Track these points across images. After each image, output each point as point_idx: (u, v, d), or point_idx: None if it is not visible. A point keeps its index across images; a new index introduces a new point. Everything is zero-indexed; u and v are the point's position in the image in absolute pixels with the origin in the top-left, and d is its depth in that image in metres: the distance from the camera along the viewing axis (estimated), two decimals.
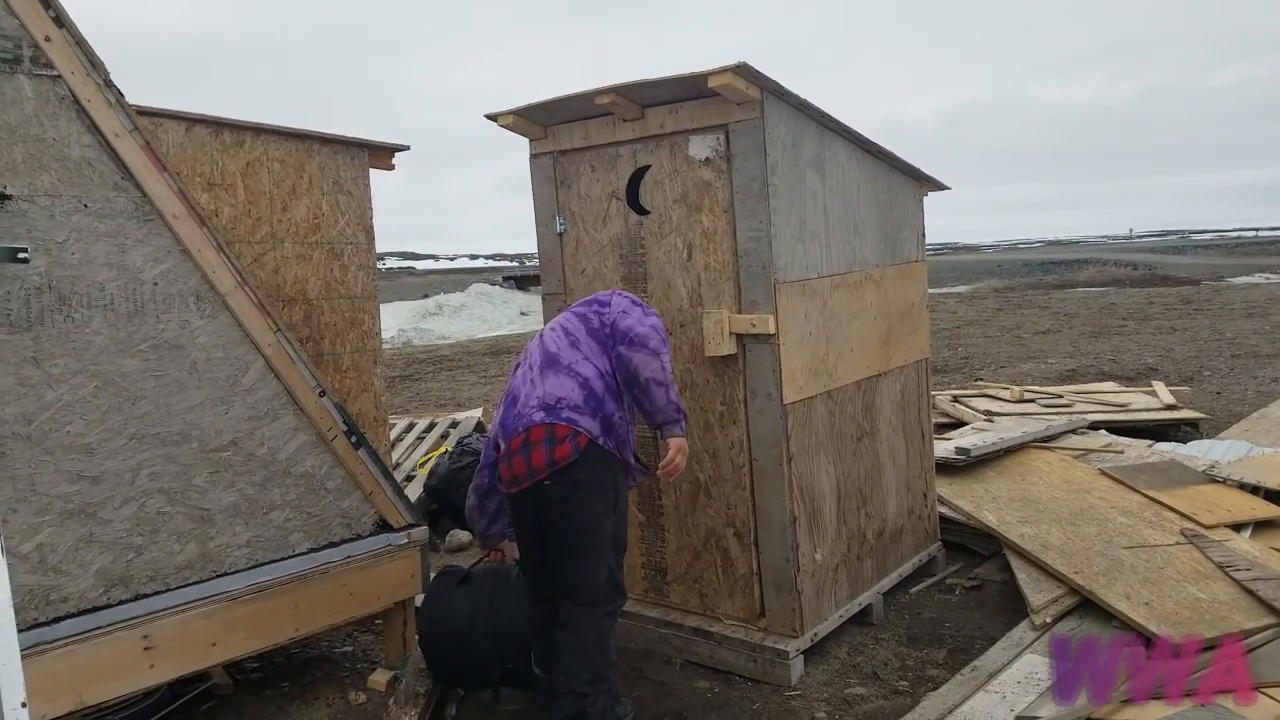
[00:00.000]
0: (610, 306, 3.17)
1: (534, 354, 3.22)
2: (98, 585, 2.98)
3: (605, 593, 3.07)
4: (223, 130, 3.76)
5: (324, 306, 4.13)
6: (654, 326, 3.09)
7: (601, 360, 3.11)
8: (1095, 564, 4.14)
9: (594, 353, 3.12)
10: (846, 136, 3.90)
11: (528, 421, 3.02)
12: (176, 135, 3.63)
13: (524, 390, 3.14)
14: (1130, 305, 18.98)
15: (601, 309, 3.18)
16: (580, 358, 3.10)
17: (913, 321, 4.49)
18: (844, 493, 3.96)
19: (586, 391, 3.04)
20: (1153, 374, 10.25)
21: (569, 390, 3.03)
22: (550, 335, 3.21)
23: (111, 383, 2.97)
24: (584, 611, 3.04)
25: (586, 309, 3.23)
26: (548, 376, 3.08)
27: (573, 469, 2.96)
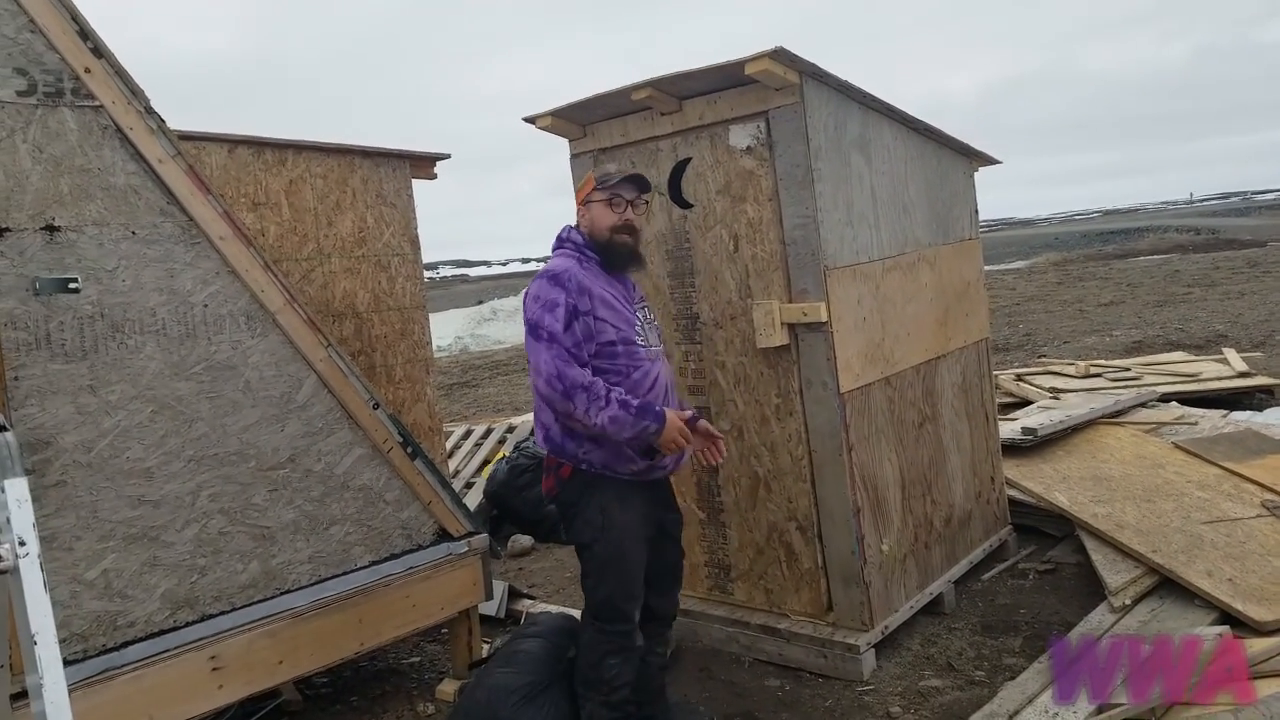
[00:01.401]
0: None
1: None
2: (164, 608, 3.01)
3: (601, 610, 2.98)
4: (264, 150, 3.79)
5: (374, 319, 4.14)
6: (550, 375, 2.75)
7: None
8: (1174, 541, 3.98)
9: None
10: (890, 115, 3.79)
11: None
12: (219, 158, 3.66)
13: None
14: (1195, 271, 18.40)
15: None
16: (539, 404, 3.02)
17: (970, 301, 4.36)
18: (908, 480, 3.86)
19: (560, 426, 2.93)
20: (1223, 341, 9.91)
21: (548, 424, 2.98)
22: None
23: (167, 406, 2.99)
24: (586, 621, 3.06)
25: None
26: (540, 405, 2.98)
27: (561, 495, 3.02)
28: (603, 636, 2.99)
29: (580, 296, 2.83)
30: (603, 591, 2.96)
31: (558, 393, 2.75)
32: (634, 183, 2.96)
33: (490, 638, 4.29)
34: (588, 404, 2.74)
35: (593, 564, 2.98)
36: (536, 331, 2.80)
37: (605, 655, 2.98)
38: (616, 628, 2.97)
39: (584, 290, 2.84)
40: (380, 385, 4.15)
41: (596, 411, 2.74)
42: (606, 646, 2.98)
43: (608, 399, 2.75)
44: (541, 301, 2.82)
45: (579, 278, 2.86)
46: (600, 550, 2.95)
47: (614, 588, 2.95)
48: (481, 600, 3.81)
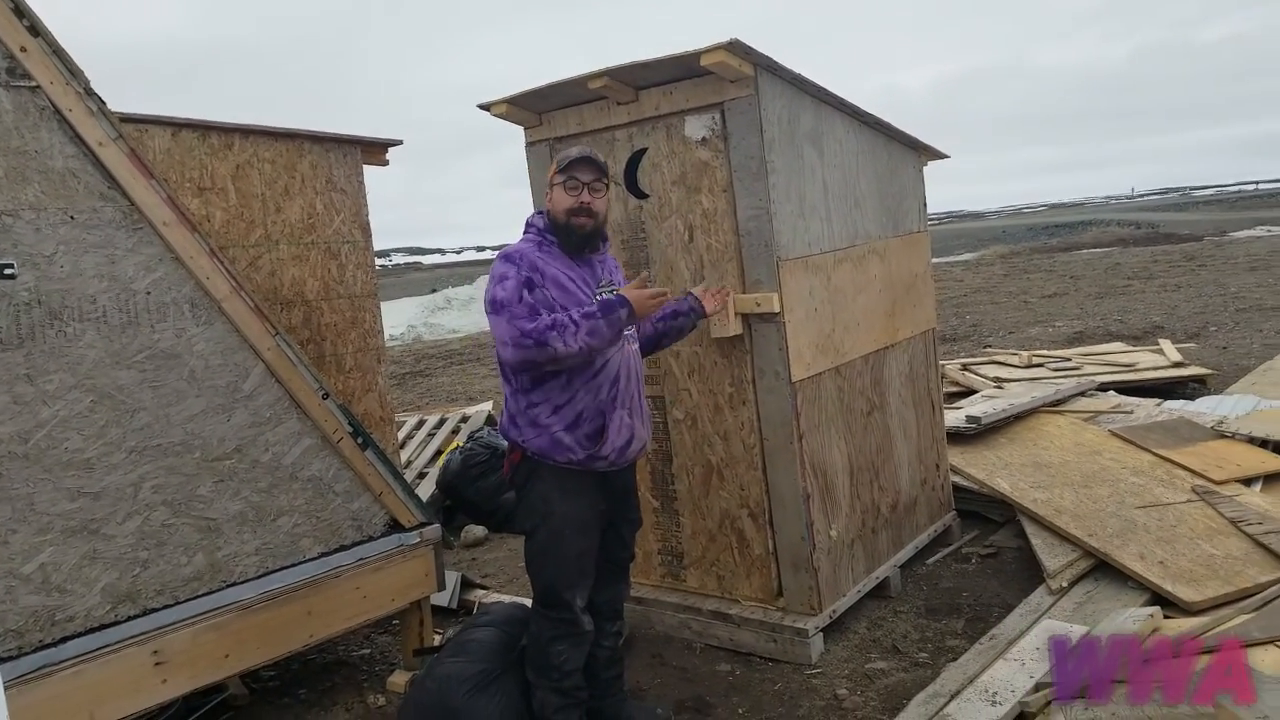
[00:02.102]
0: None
1: None
2: (104, 602, 2.94)
3: (544, 596, 3.02)
4: (210, 134, 3.69)
5: (323, 307, 4.07)
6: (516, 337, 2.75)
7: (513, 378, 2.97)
8: (1109, 525, 4.11)
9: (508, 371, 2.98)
10: (842, 109, 3.83)
11: None
12: (163, 141, 3.56)
13: None
14: (1135, 264, 18.89)
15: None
16: (501, 376, 3.04)
17: (918, 293, 4.43)
18: (856, 468, 3.92)
19: (508, 411, 3.02)
20: (1159, 332, 10.20)
21: (503, 406, 3.06)
22: None
23: (108, 396, 2.92)
24: (534, 607, 3.09)
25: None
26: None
27: (513, 480, 3.08)
28: (548, 622, 3.01)
29: (532, 273, 2.85)
30: (545, 578, 2.99)
31: (530, 347, 2.74)
32: (589, 164, 2.94)
33: (442, 628, 4.27)
34: (563, 337, 2.74)
35: (534, 550, 3.00)
36: (493, 306, 2.82)
37: (552, 640, 2.99)
38: (561, 614, 2.99)
39: (535, 269, 2.86)
40: (330, 374, 4.08)
41: (573, 338, 2.75)
42: (553, 632, 3.00)
43: (574, 321, 2.77)
44: (495, 278, 2.87)
45: (531, 258, 2.88)
46: (541, 537, 2.97)
47: (555, 574, 2.97)
48: (433, 591, 3.79)
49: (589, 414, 2.90)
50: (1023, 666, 3.19)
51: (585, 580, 3.01)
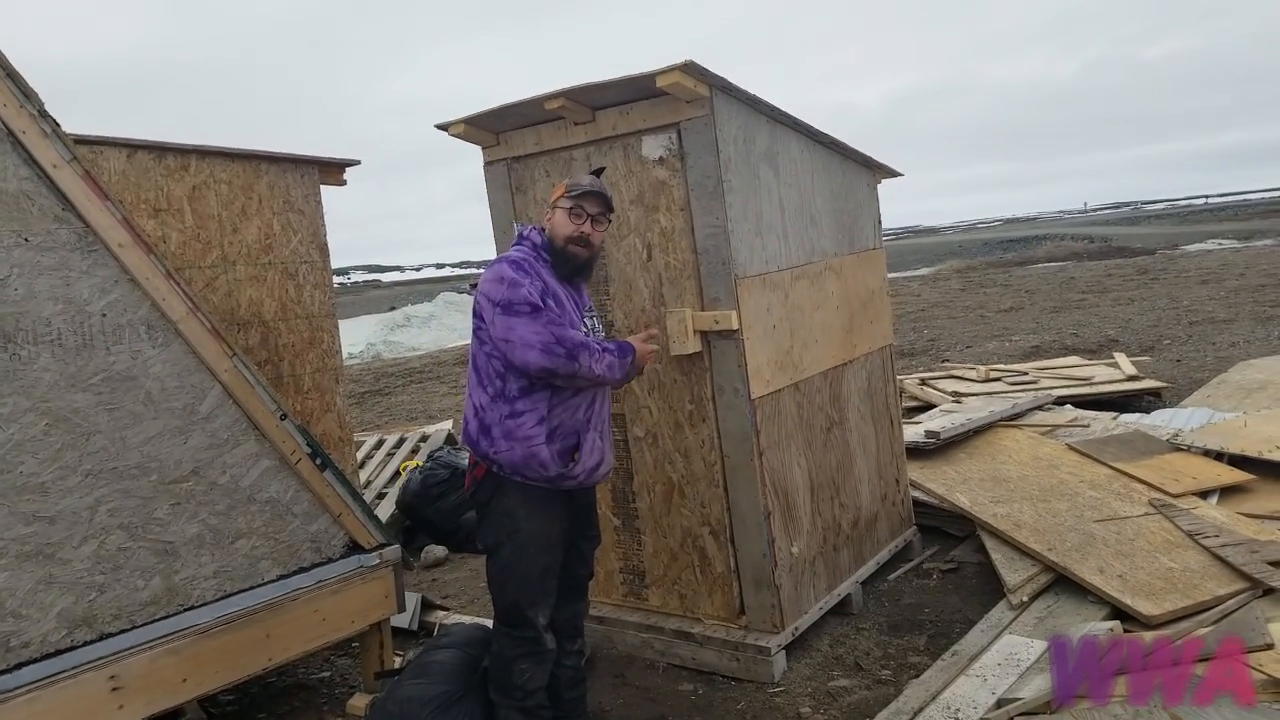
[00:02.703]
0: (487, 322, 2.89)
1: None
2: (60, 627, 2.90)
3: (507, 615, 3.01)
4: (166, 154, 3.66)
5: (281, 328, 4.04)
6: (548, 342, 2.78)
7: (477, 395, 2.96)
8: (1068, 540, 4.18)
9: (472, 385, 2.99)
10: (797, 129, 3.90)
11: None
12: (118, 162, 3.53)
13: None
14: (1089, 278, 19.26)
15: (480, 324, 2.93)
16: (475, 383, 2.98)
17: (875, 309, 4.50)
18: (817, 484, 3.96)
19: (479, 421, 2.96)
20: (1114, 346, 10.39)
21: (469, 418, 3.00)
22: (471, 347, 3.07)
23: (63, 419, 2.89)
24: (496, 626, 3.07)
25: (475, 321, 2.97)
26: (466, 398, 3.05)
27: (476, 495, 3.03)
28: (511, 641, 3.00)
29: (542, 284, 2.91)
30: (508, 595, 2.98)
31: (561, 355, 2.78)
32: (599, 199, 3.00)
33: (403, 650, 4.24)
34: (590, 359, 2.83)
35: (497, 568, 2.99)
36: (513, 308, 2.80)
37: (515, 659, 2.99)
38: (524, 633, 2.98)
39: (543, 280, 2.92)
40: (288, 395, 4.06)
41: (597, 363, 2.85)
42: (515, 650, 2.99)
43: (603, 349, 2.89)
44: (507, 282, 2.84)
45: (537, 268, 2.95)
46: (505, 555, 2.97)
47: (518, 592, 2.96)
48: (394, 613, 3.76)
49: (564, 432, 2.92)
50: (984, 682, 3.23)
51: (548, 598, 3.02)
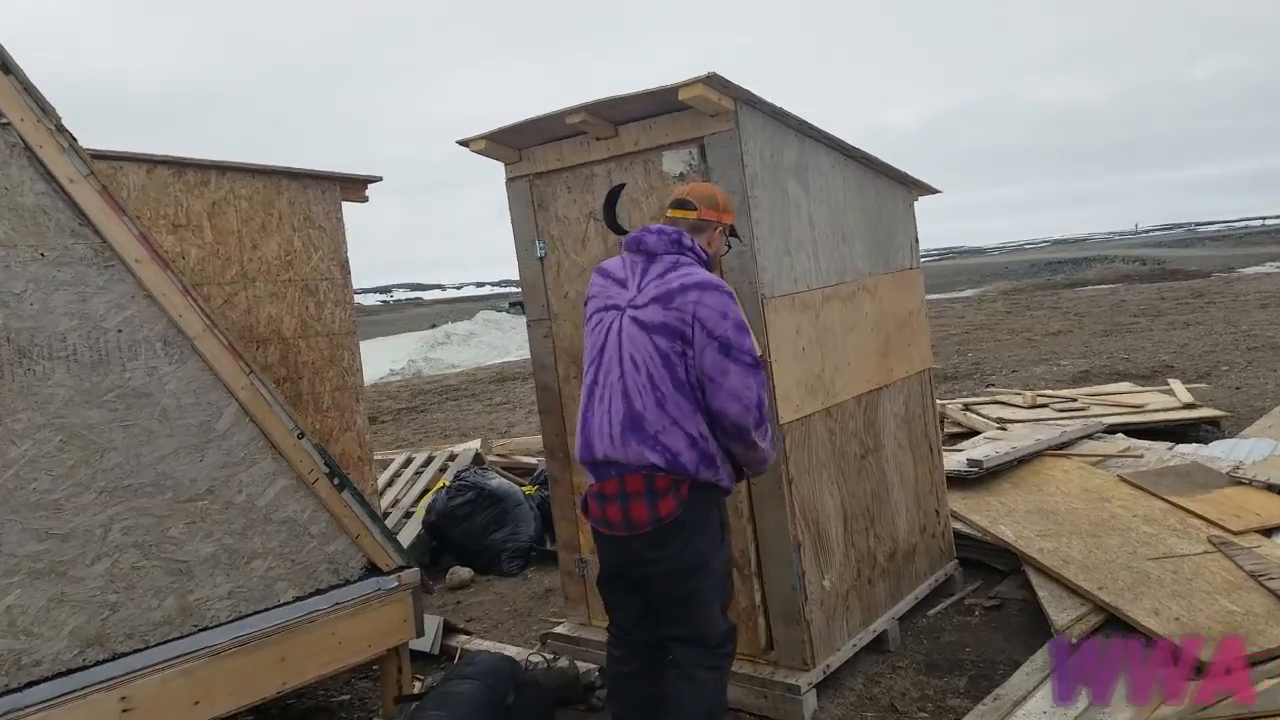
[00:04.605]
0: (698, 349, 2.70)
1: (611, 389, 2.79)
2: (72, 646, 2.86)
3: (723, 631, 2.84)
4: (186, 170, 3.65)
5: (301, 345, 4.00)
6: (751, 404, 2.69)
7: (694, 423, 2.72)
8: (1120, 578, 3.97)
9: (684, 414, 2.71)
10: (828, 143, 3.78)
11: (620, 470, 2.74)
12: (138, 178, 3.52)
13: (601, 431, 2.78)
14: (1141, 301, 18.76)
15: (686, 349, 2.71)
16: (668, 423, 2.70)
17: (912, 331, 4.35)
18: (850, 514, 3.81)
19: (698, 452, 2.73)
20: (1168, 371, 10.06)
21: (653, 458, 2.70)
22: (632, 378, 2.74)
23: (78, 435, 2.86)
24: (702, 654, 2.79)
25: (669, 342, 2.71)
26: (629, 442, 2.71)
27: (682, 515, 2.73)
28: (727, 662, 2.85)
29: None
30: (716, 611, 2.81)
31: (752, 421, 2.73)
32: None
33: (423, 675, 4.15)
34: (767, 432, 2.83)
35: (711, 583, 2.80)
36: (740, 356, 2.70)
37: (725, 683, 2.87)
38: (733, 645, 2.88)
39: None
40: (307, 414, 4.01)
41: (765, 438, 2.83)
42: (726, 670, 2.87)
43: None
44: (733, 321, 2.73)
45: None
46: (719, 567, 2.83)
47: (723, 602, 2.86)
48: (411, 638, 3.68)
49: None
50: None
51: None
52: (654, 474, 2.69)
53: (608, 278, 2.92)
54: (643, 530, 2.71)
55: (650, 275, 2.82)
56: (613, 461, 2.75)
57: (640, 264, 2.87)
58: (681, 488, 2.71)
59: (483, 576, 5.55)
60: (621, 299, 2.84)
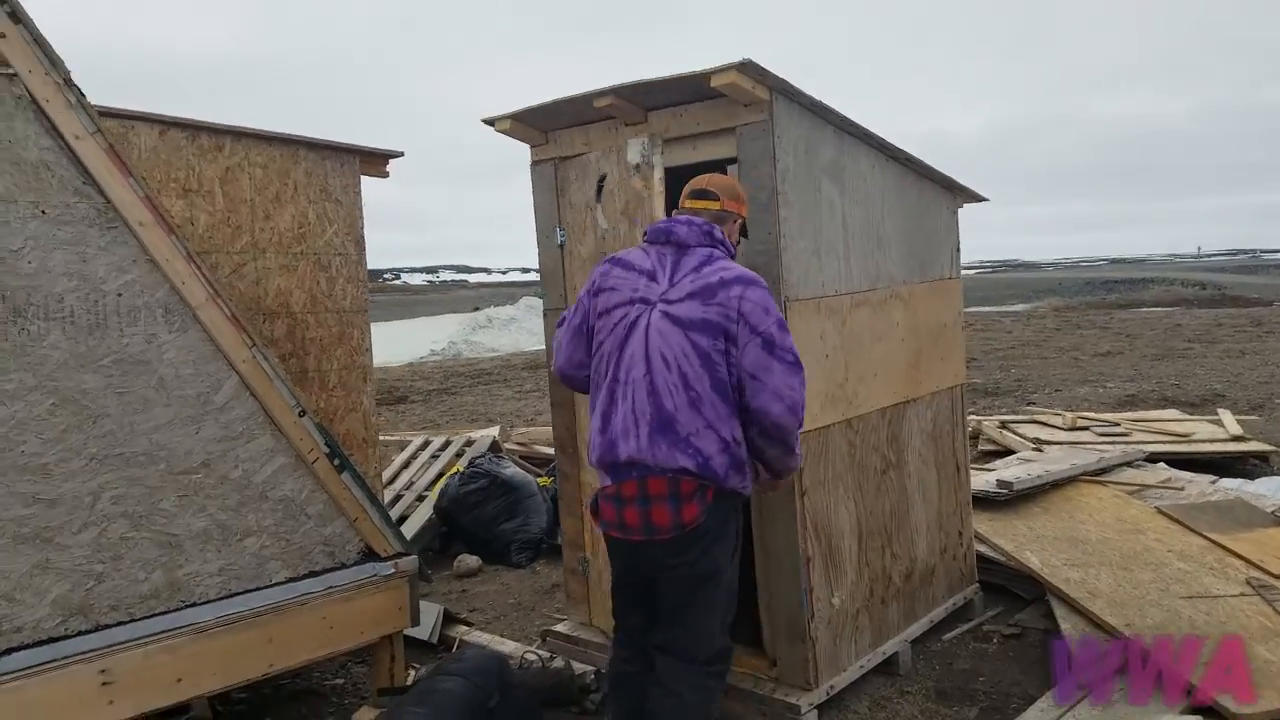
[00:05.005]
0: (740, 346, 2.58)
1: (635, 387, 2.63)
2: (54, 615, 2.80)
3: (717, 649, 2.71)
4: (200, 134, 3.57)
5: (309, 321, 3.91)
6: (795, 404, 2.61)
7: (729, 427, 2.61)
8: (1149, 616, 3.76)
9: (720, 417, 2.59)
10: (868, 142, 3.60)
11: (642, 472, 2.60)
12: (149, 139, 3.44)
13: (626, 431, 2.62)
14: (1196, 326, 18.21)
15: (729, 346, 2.59)
16: (701, 425, 2.57)
17: (946, 344, 4.16)
18: (866, 531, 3.64)
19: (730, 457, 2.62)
20: (1220, 400, 9.70)
21: (683, 462, 2.58)
22: (662, 376, 2.60)
23: (70, 400, 2.79)
24: (688, 671, 2.67)
25: (710, 340, 2.58)
26: (658, 444, 2.58)
27: (706, 521, 2.62)
28: (715, 682, 2.73)
29: None
30: (716, 625, 2.71)
31: (795, 422, 2.66)
32: None
33: (419, 663, 4.07)
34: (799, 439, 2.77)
35: (718, 595, 2.69)
36: (784, 354, 2.60)
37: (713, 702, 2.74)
38: (726, 664, 2.78)
39: None
40: (312, 391, 3.92)
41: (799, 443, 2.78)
42: (715, 690, 2.75)
43: None
44: (775, 319, 2.64)
45: None
46: (728, 580, 2.73)
47: (725, 617, 2.75)
48: (405, 627, 3.58)
49: None
50: None
51: None
52: (680, 478, 2.57)
53: (629, 269, 2.74)
54: (663, 536, 2.59)
55: (684, 269, 2.68)
56: (636, 463, 2.60)
57: (670, 256, 2.73)
58: (708, 493, 2.60)
59: (491, 566, 5.46)
60: (651, 293, 2.67)
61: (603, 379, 2.72)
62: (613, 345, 2.70)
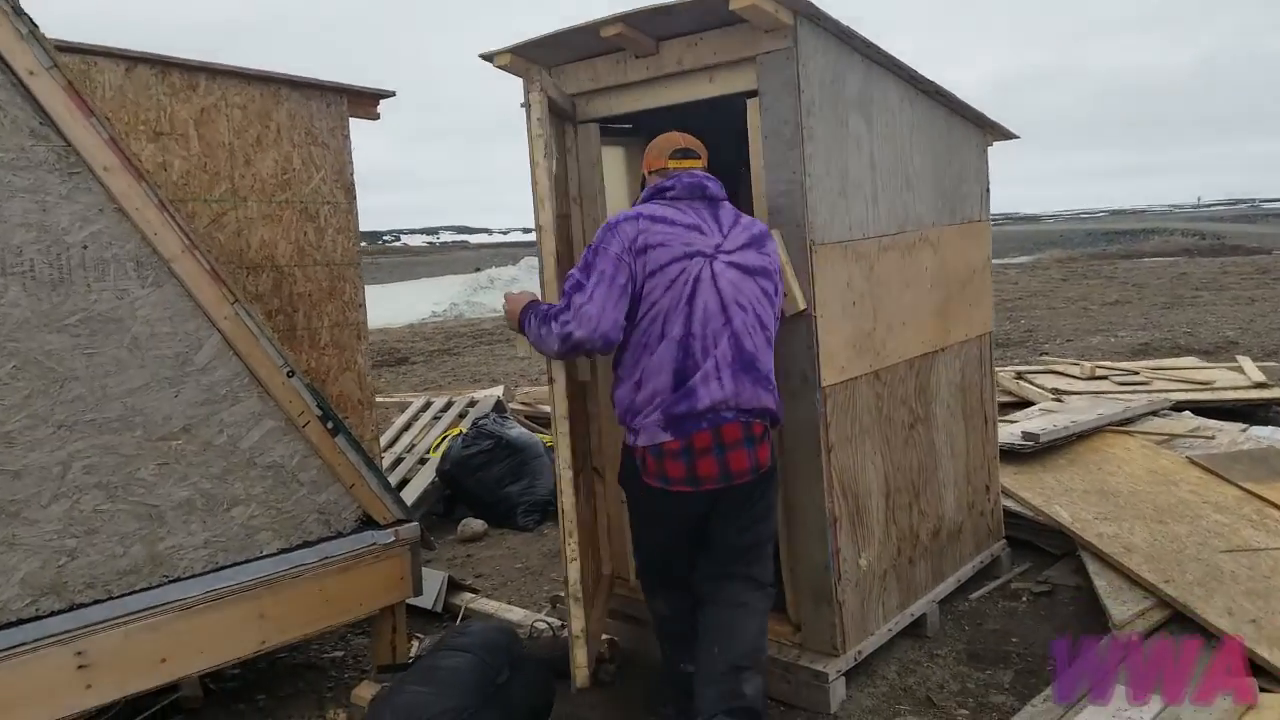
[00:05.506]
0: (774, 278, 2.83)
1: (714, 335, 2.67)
2: (23, 595, 2.60)
3: (771, 571, 2.93)
4: (171, 71, 3.26)
5: (297, 274, 3.64)
6: None
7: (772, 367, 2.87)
8: (1189, 571, 3.57)
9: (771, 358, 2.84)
10: (898, 73, 3.33)
11: (716, 420, 2.66)
12: (114, 77, 3.14)
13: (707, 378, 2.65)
14: (1203, 275, 17.97)
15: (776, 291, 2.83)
16: (770, 366, 2.80)
17: (975, 290, 3.92)
18: (893, 488, 3.43)
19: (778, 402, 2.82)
20: (1234, 348, 9.50)
21: (766, 400, 2.74)
22: (740, 319, 2.70)
23: (34, 362, 2.56)
24: (763, 592, 2.87)
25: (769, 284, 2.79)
26: (743, 383, 2.69)
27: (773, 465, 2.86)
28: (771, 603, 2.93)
29: None
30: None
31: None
32: None
33: (423, 633, 3.90)
34: None
35: (773, 528, 2.93)
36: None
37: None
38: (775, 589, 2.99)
39: None
40: (302, 350, 3.67)
41: None
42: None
43: None
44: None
45: None
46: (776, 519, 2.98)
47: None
48: (408, 597, 3.41)
49: None
50: None
51: None
52: (753, 421, 2.71)
53: (671, 224, 2.70)
54: (743, 479, 2.70)
55: (726, 221, 2.77)
56: (717, 408, 2.65)
57: (706, 210, 2.77)
58: (770, 434, 2.81)
59: (496, 530, 5.26)
60: (705, 245, 2.70)
61: (662, 336, 2.66)
62: (674, 301, 2.65)
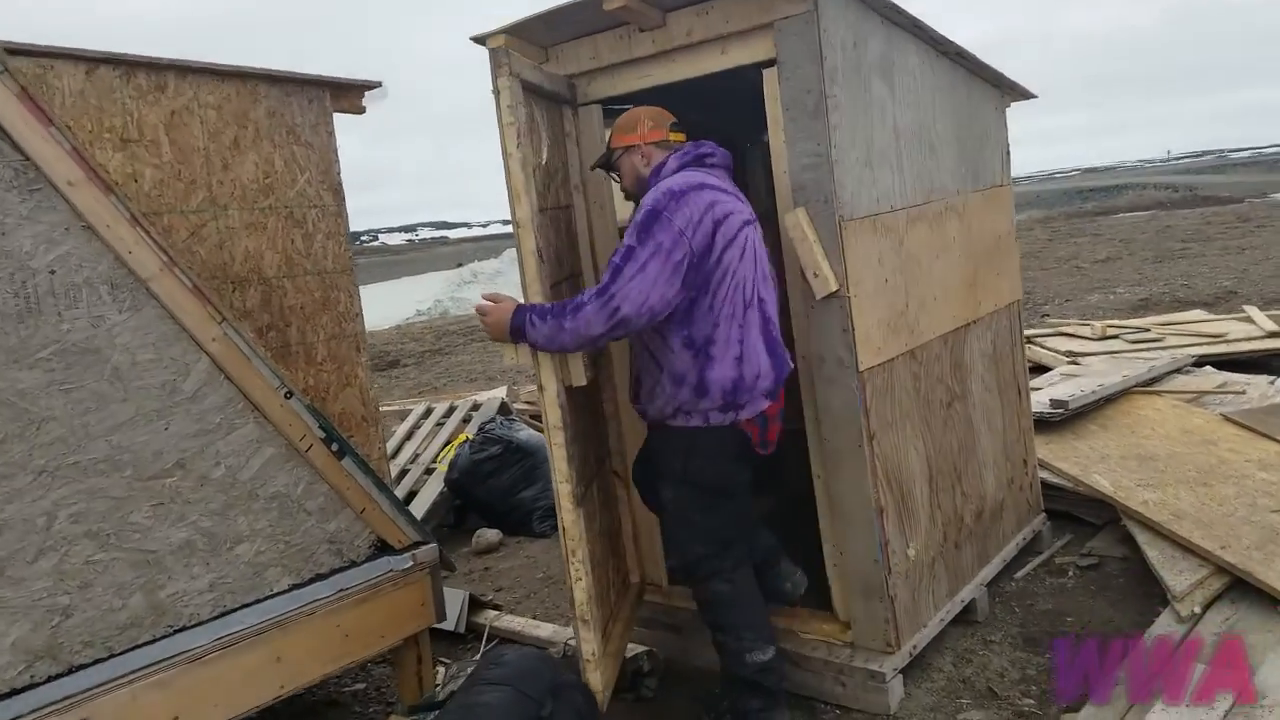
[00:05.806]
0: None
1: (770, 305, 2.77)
2: (16, 661, 2.37)
3: None
4: (136, 72, 2.97)
5: (286, 286, 3.37)
6: None
7: None
8: (1244, 535, 3.41)
9: None
10: (918, 35, 3.13)
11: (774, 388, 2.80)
12: (74, 81, 2.85)
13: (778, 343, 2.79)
14: (1188, 227, 17.98)
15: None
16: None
17: (1002, 258, 3.74)
18: (936, 472, 3.25)
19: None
20: (1233, 298, 9.43)
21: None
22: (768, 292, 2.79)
23: (5, 404, 2.32)
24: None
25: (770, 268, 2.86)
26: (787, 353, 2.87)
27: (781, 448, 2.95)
28: None
29: None
30: None
31: None
32: None
33: (447, 657, 3.69)
34: None
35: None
36: None
37: None
38: None
39: None
40: (298, 368, 3.41)
41: None
42: None
43: None
44: None
45: None
46: None
47: None
48: (431, 623, 3.19)
49: None
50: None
51: None
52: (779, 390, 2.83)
53: (723, 192, 2.71)
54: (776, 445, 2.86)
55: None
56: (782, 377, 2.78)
57: (725, 178, 2.80)
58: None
59: (512, 538, 5.05)
60: (747, 213, 2.75)
61: (747, 305, 2.69)
62: (747, 270, 2.69)
